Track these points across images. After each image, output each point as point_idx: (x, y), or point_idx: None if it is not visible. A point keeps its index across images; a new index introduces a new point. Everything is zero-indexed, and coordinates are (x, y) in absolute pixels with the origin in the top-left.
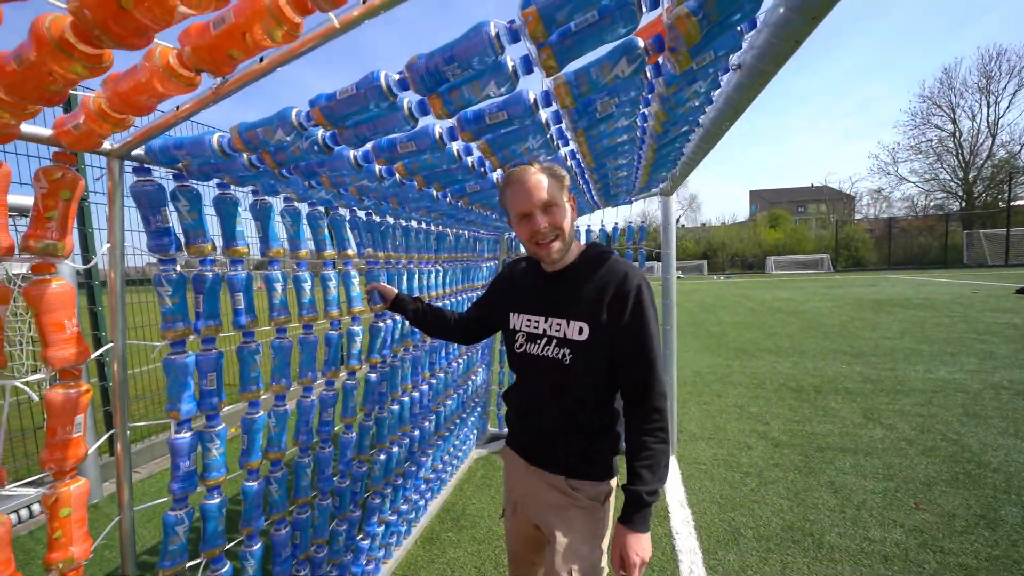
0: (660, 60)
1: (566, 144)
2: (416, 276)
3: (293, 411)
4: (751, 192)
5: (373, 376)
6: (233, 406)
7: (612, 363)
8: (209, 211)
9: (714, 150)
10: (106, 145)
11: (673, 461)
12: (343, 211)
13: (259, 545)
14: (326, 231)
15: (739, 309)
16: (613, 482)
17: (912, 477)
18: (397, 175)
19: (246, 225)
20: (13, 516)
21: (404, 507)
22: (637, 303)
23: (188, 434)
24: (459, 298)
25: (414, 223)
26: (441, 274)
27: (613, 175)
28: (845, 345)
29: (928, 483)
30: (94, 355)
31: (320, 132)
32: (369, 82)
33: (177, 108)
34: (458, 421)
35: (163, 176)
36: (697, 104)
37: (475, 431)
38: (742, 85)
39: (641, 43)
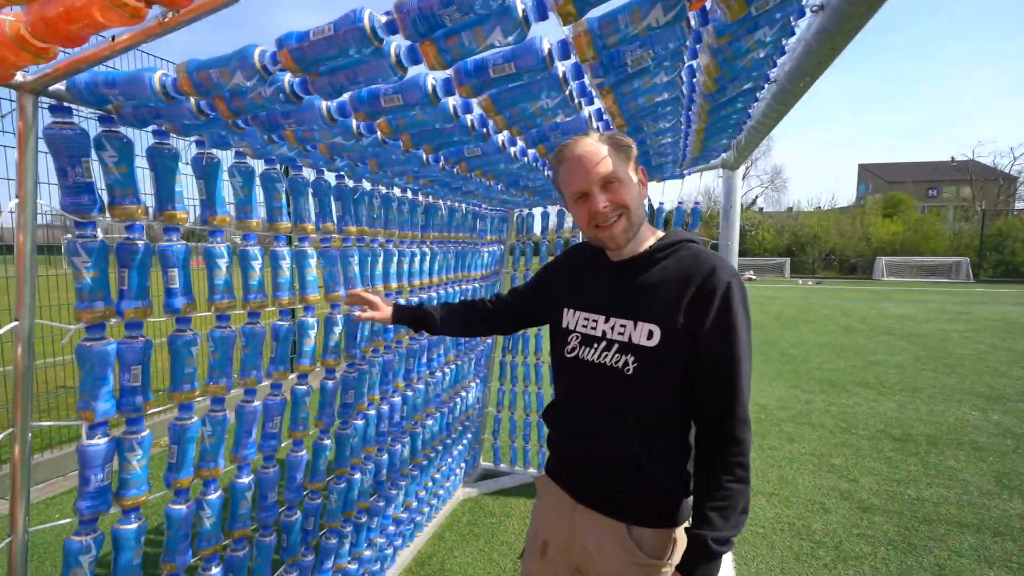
0: (707, 5)
1: (590, 102)
2: (395, 259)
3: (233, 419)
4: (860, 167)
5: (330, 382)
6: (161, 408)
7: (688, 379)
8: (142, 164)
9: (805, 110)
10: (19, 77)
11: None
12: (308, 173)
13: None
14: (283, 197)
15: (830, 326)
16: (679, 531)
17: None
18: (379, 133)
19: (187, 184)
20: None
21: (368, 553)
22: (725, 304)
23: (103, 440)
24: (449, 290)
25: (397, 191)
26: (428, 258)
27: (653, 141)
28: (979, 384)
29: None
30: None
31: (287, 78)
32: (350, 22)
33: (113, 39)
34: (440, 448)
35: (89, 117)
36: (763, 56)
37: (462, 464)
38: (825, 31)
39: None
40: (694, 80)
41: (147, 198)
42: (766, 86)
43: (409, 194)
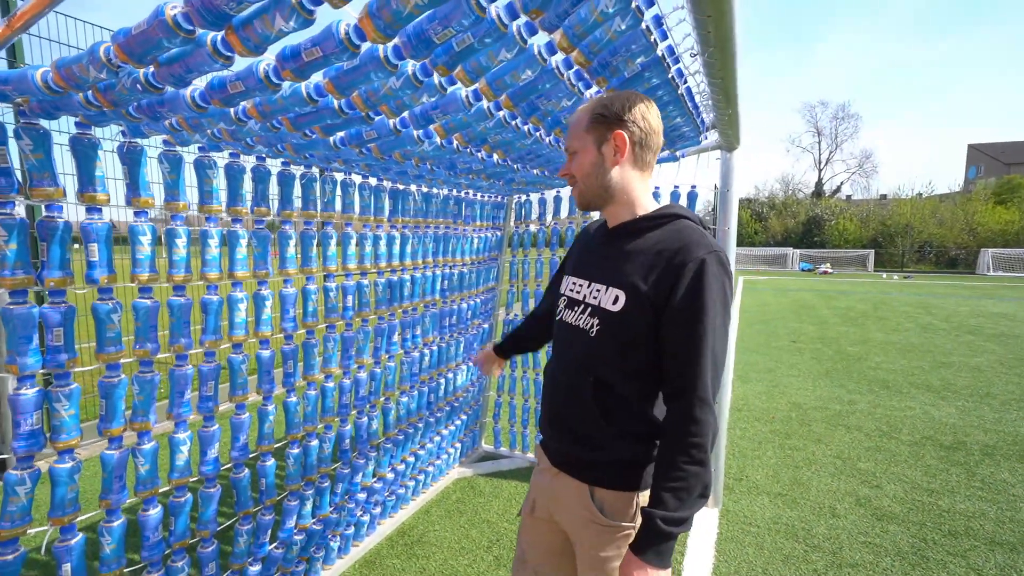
0: None
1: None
2: (352, 241)
3: (164, 381)
4: (970, 147)
5: (265, 353)
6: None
7: (656, 351)
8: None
9: (900, 87)
10: None
11: (713, 516)
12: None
13: (121, 520)
14: (214, 183)
15: (905, 324)
16: (644, 495)
17: None
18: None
19: (113, 170)
20: None
21: (334, 516)
22: (696, 280)
23: (32, 391)
24: (428, 273)
25: (357, 177)
26: (396, 241)
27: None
28: None
29: None
30: None
31: (141, 70)
32: (155, 16)
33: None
34: (420, 425)
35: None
36: (624, 28)
37: (456, 445)
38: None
39: None
40: (564, 57)
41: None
42: (696, 58)
43: (373, 181)
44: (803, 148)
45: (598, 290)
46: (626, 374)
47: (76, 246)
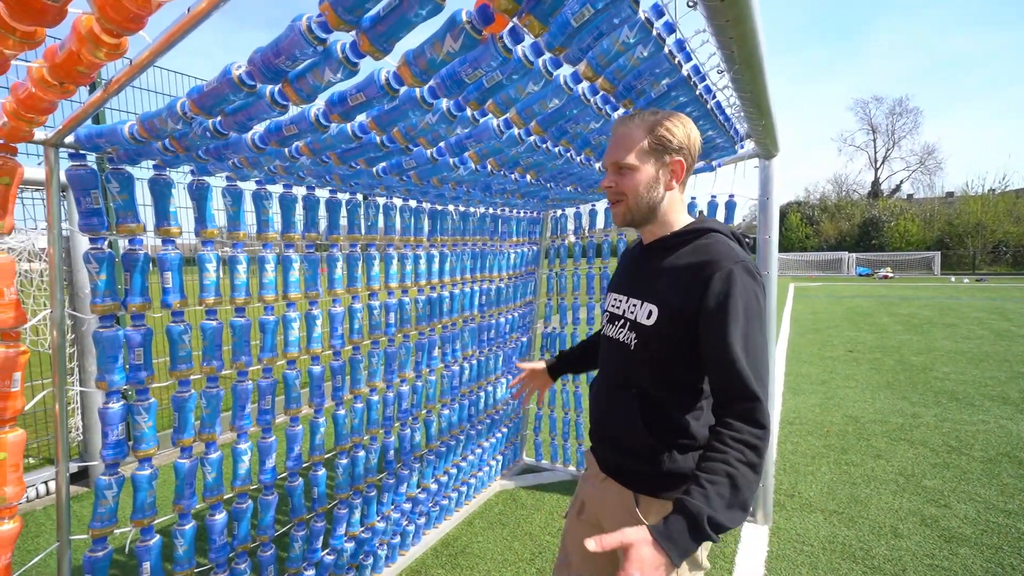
0: (511, 28)
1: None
2: (394, 262)
3: (228, 395)
4: None
5: (316, 368)
6: (166, 383)
7: (694, 364)
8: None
9: (963, 80)
10: (39, 135)
11: (762, 533)
12: (286, 189)
13: (191, 524)
14: (271, 212)
15: (977, 332)
16: None
17: None
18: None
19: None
20: (31, 491)
21: (381, 525)
22: (723, 290)
23: (117, 405)
24: (466, 289)
25: (398, 201)
26: (436, 260)
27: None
28: None
29: None
30: (32, 321)
31: (211, 121)
32: (223, 75)
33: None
34: (462, 437)
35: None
36: (647, 55)
37: (498, 457)
38: (713, 24)
39: (463, 15)
40: (580, 87)
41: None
42: (723, 75)
43: (413, 203)
44: (856, 147)
45: (634, 305)
46: (665, 386)
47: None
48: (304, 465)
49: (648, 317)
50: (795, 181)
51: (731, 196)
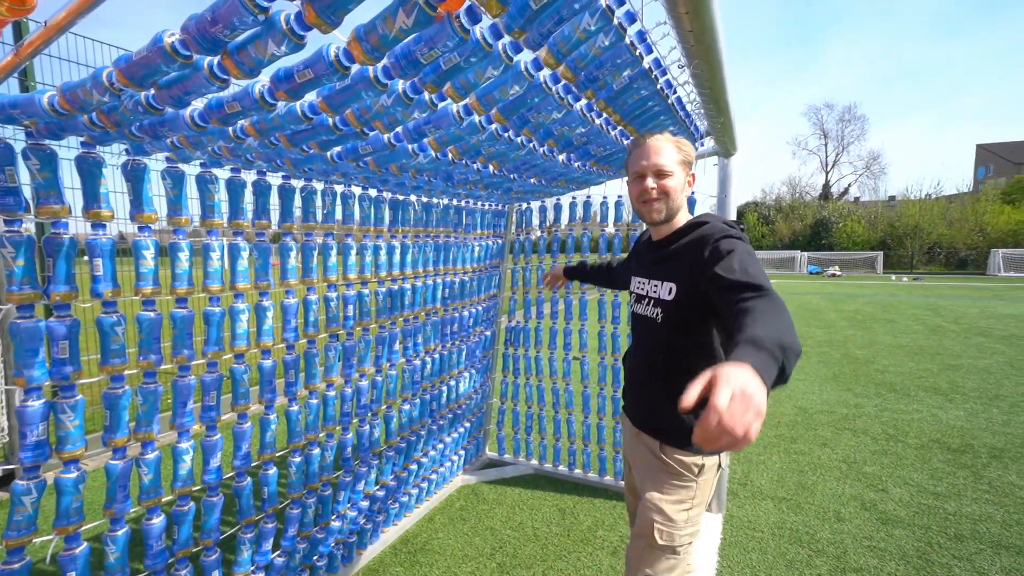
0: (468, 7)
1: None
2: (353, 252)
3: (168, 392)
4: (979, 147)
5: (266, 363)
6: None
7: (711, 320)
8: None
9: (909, 90)
10: None
11: (716, 521)
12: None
13: (125, 530)
14: (216, 197)
15: (914, 327)
16: (708, 461)
17: None
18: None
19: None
20: None
21: (337, 524)
22: (719, 247)
23: (38, 402)
24: (429, 282)
25: (357, 189)
26: (397, 251)
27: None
28: None
29: None
30: None
31: (143, 93)
32: (154, 43)
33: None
34: (423, 433)
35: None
36: (608, 44)
37: (460, 452)
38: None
39: None
40: (543, 74)
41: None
42: (683, 70)
43: (373, 192)
44: (809, 151)
45: (656, 285)
46: (689, 352)
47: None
48: (253, 464)
49: (669, 293)
50: (752, 182)
51: (692, 192)
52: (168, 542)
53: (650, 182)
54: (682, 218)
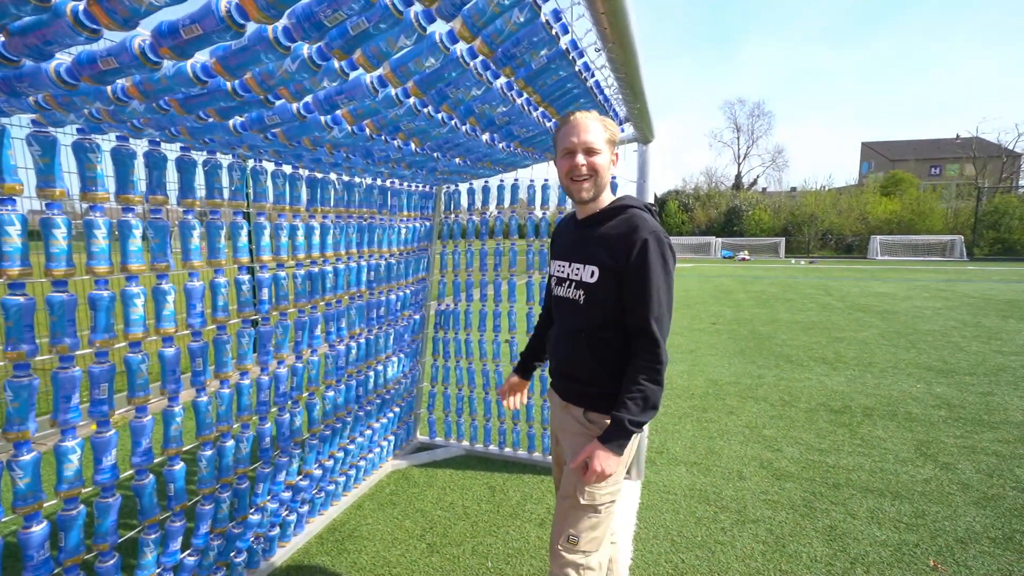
0: None
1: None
2: (267, 232)
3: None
4: (864, 145)
5: (168, 351)
6: None
7: (623, 307)
8: None
9: (808, 90)
10: None
11: (635, 487)
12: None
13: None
14: (98, 168)
15: (808, 305)
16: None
17: (946, 531)
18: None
19: None
20: None
21: (255, 518)
22: (643, 251)
23: None
24: (352, 264)
25: (270, 165)
26: (316, 232)
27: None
28: (935, 359)
29: (965, 540)
30: None
31: None
32: None
33: None
34: (349, 419)
35: None
36: (523, 20)
37: (389, 437)
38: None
39: None
40: (467, 46)
41: None
42: (600, 53)
43: (288, 168)
44: (724, 143)
45: (578, 268)
46: (606, 326)
47: None
48: (156, 460)
49: (591, 276)
50: (674, 171)
51: (612, 177)
52: (53, 551)
53: (580, 159)
54: (606, 198)
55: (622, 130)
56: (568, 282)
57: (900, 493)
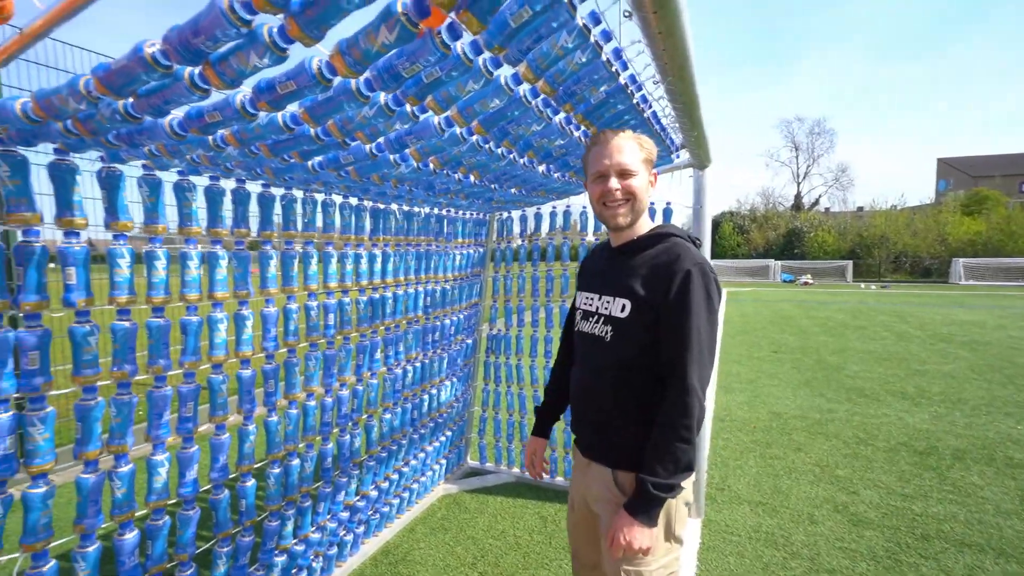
0: (449, 24)
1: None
2: (334, 261)
3: (143, 402)
4: (940, 161)
5: (245, 373)
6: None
7: (658, 348)
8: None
9: (875, 105)
10: None
11: (696, 526)
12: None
13: (96, 546)
14: (193, 205)
15: (882, 333)
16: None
17: None
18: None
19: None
20: None
21: (316, 536)
22: (684, 284)
23: (6, 415)
24: (410, 290)
25: (338, 198)
26: (378, 260)
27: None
28: None
29: None
30: None
31: (121, 101)
32: (134, 53)
33: None
34: (404, 442)
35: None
36: (585, 60)
37: (442, 461)
38: (648, 35)
39: (398, 6)
40: (522, 88)
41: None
42: (658, 85)
43: (354, 201)
44: (781, 162)
45: (608, 301)
46: (635, 369)
47: (52, 264)
48: (231, 476)
49: (622, 311)
50: (728, 192)
51: (668, 203)
52: (141, 558)
53: (614, 183)
54: (644, 224)
55: (676, 155)
56: (596, 316)
57: (1005, 550)
